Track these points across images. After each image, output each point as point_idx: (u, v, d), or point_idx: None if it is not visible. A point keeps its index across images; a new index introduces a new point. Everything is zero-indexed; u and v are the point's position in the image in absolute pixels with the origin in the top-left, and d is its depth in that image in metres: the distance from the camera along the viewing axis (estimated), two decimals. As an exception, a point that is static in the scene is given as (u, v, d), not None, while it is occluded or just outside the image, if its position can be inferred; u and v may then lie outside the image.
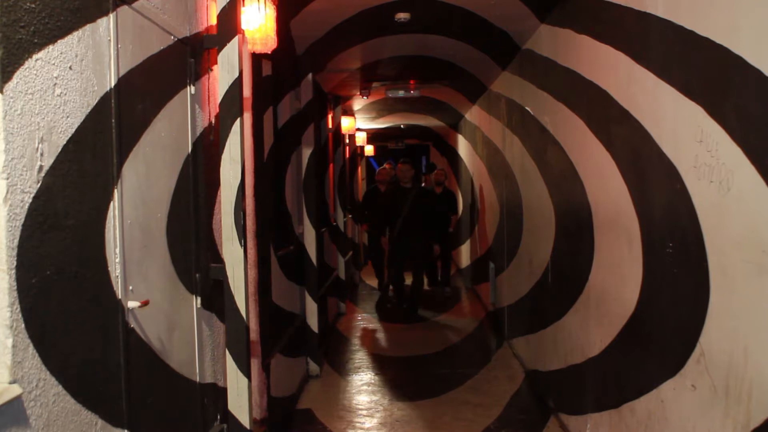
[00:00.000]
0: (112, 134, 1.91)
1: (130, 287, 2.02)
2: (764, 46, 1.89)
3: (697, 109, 2.27)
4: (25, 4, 1.48)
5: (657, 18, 2.60)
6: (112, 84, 1.90)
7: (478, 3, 4.19)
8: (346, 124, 8.53)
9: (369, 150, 12.79)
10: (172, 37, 2.40)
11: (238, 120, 2.76)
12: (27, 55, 1.49)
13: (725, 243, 2.11)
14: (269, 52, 2.97)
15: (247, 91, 2.90)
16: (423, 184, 9.73)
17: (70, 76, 1.67)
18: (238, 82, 2.74)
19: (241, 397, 2.84)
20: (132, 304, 2.01)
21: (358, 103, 8.59)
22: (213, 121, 2.81)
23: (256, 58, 3.40)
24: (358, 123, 10.40)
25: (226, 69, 2.74)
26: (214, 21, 2.78)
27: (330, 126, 7.35)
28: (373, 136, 12.90)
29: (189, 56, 2.57)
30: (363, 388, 5.27)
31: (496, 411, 4.62)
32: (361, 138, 11.01)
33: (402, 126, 11.75)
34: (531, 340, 5.23)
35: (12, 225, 1.43)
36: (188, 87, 2.56)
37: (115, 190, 1.92)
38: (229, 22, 2.73)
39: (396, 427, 4.38)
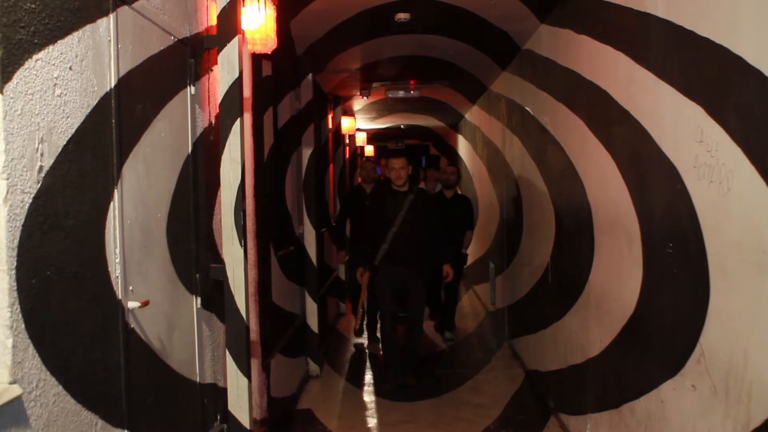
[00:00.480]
0: (112, 134, 1.91)
1: (130, 287, 2.02)
2: (764, 46, 1.89)
3: (697, 109, 2.27)
4: (25, 4, 1.48)
5: (657, 18, 2.60)
6: (112, 84, 1.90)
7: (478, 3, 4.19)
8: (346, 124, 8.53)
9: (369, 150, 12.80)
10: (172, 38, 2.40)
11: (238, 120, 2.76)
12: (27, 55, 1.49)
13: (725, 243, 2.11)
14: (269, 53, 2.97)
15: (247, 91, 2.90)
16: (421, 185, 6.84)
17: (70, 76, 1.67)
18: (238, 83, 2.74)
19: (241, 397, 2.84)
20: (132, 304, 2.01)
21: (358, 103, 8.59)
22: (213, 122, 2.81)
23: (256, 59, 3.40)
24: (358, 123, 10.40)
25: (226, 69, 2.74)
26: (214, 21, 2.78)
27: (330, 126, 7.35)
28: (373, 137, 12.91)
29: (189, 56, 2.57)
30: (363, 388, 5.27)
31: (497, 411, 4.62)
32: (361, 138, 11.01)
33: (402, 126, 11.76)
34: (531, 340, 5.22)
35: (12, 225, 1.43)
36: (188, 87, 2.56)
37: (115, 191, 1.92)
38: (229, 23, 2.73)
39: (396, 428, 4.38)
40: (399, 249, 5.09)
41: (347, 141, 9.48)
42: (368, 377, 5.55)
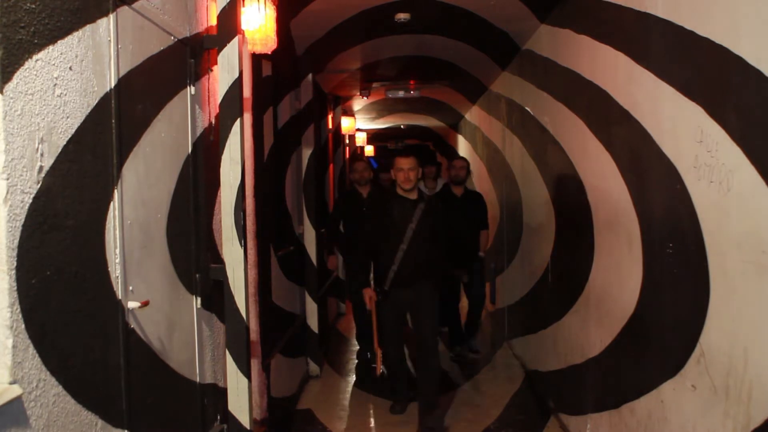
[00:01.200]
0: (112, 134, 1.91)
1: (130, 288, 2.02)
2: (764, 46, 1.89)
3: (697, 109, 2.27)
4: (25, 4, 1.48)
5: (657, 18, 2.60)
6: (112, 84, 1.90)
7: (478, 3, 4.19)
8: (346, 124, 8.53)
9: (369, 150, 12.79)
10: (172, 38, 2.40)
11: (238, 120, 2.76)
12: (27, 55, 1.49)
13: (725, 243, 2.11)
14: (269, 53, 2.97)
15: (247, 91, 2.90)
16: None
17: (70, 76, 1.67)
18: (238, 83, 2.74)
19: (241, 397, 2.84)
20: (132, 304, 2.01)
21: (358, 103, 8.59)
22: (213, 122, 2.81)
23: (256, 59, 3.40)
24: (358, 123, 10.40)
25: (226, 69, 2.74)
26: (214, 21, 2.78)
27: (330, 126, 7.35)
28: (373, 137, 12.91)
29: (189, 57, 2.57)
30: (363, 388, 5.27)
31: (496, 411, 4.62)
32: (361, 138, 11.01)
33: (402, 126, 11.76)
34: (531, 340, 5.22)
35: (12, 225, 1.43)
36: (188, 87, 2.56)
37: (115, 191, 1.92)
38: (229, 23, 2.73)
39: (396, 428, 4.38)
40: (409, 269, 4.22)
41: (347, 141, 9.48)
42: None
